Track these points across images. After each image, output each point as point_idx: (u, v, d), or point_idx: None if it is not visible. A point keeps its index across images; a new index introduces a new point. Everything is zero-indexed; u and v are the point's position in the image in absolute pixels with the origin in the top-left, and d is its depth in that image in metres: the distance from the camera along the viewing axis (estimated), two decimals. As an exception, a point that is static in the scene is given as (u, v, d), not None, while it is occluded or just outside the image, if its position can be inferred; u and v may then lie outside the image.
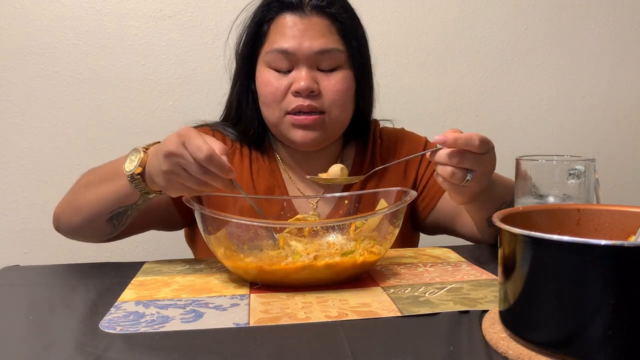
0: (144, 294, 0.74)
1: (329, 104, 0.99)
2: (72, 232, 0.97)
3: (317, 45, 0.98)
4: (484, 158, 0.81)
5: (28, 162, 1.55)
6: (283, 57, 0.98)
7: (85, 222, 0.93)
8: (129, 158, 0.84)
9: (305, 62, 0.98)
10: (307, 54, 0.98)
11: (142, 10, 1.56)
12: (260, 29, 1.02)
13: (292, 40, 0.98)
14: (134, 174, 0.82)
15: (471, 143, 0.78)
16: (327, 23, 1.00)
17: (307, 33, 0.98)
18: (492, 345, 0.55)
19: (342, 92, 1.00)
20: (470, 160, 0.79)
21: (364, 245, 0.79)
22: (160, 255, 1.54)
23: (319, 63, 0.99)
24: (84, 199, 0.92)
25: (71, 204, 0.95)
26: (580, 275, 0.47)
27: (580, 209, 0.65)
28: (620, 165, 1.80)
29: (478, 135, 0.79)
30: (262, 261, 0.75)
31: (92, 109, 1.56)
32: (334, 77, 1.00)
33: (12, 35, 1.51)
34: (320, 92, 0.99)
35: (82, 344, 0.58)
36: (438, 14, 1.68)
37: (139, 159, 0.82)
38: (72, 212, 0.94)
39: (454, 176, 0.80)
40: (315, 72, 0.99)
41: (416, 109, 1.66)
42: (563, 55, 1.75)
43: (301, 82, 0.97)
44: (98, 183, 0.91)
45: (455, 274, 0.81)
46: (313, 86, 0.97)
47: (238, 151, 1.08)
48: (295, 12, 0.99)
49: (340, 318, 0.63)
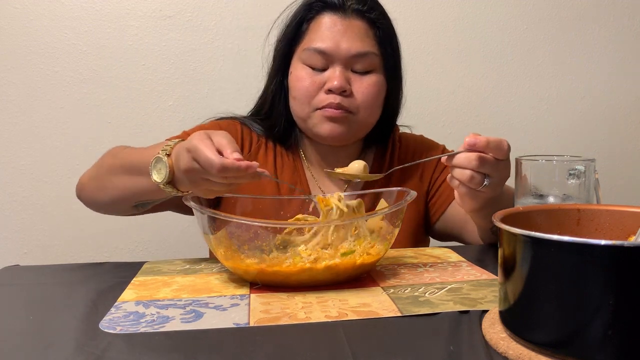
0: (144, 294, 0.74)
1: (358, 105, 1.01)
2: (95, 205, 0.98)
3: (354, 48, 1.00)
4: (503, 164, 0.81)
5: (28, 162, 1.55)
6: (320, 56, 1.00)
7: (110, 203, 0.94)
8: (156, 168, 0.81)
9: (340, 62, 1.00)
10: (343, 55, 1.00)
11: (142, 10, 1.56)
12: (300, 28, 1.04)
13: (329, 41, 1.00)
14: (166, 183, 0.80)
15: (501, 147, 0.79)
16: (366, 27, 1.02)
17: (345, 35, 1.00)
18: (492, 345, 0.55)
19: (373, 96, 1.02)
20: (490, 165, 0.80)
21: (364, 246, 0.79)
22: (160, 255, 1.54)
23: (354, 65, 1.01)
24: (110, 182, 0.93)
25: (98, 180, 0.96)
26: (580, 275, 0.47)
27: (580, 209, 0.65)
28: (620, 165, 1.80)
29: (506, 141, 0.80)
30: (263, 263, 0.75)
31: (92, 109, 1.56)
32: (367, 80, 1.02)
33: (12, 35, 1.51)
34: (352, 93, 1.01)
35: (82, 344, 0.58)
36: (438, 14, 1.68)
37: (166, 170, 0.79)
38: (98, 190, 0.95)
39: (472, 180, 0.80)
40: (349, 73, 1.01)
41: (416, 109, 1.66)
42: (563, 55, 1.75)
43: (334, 82, 0.99)
44: (126, 172, 0.90)
45: (455, 274, 0.81)
46: (346, 86, 0.99)
47: (263, 145, 1.10)
48: (336, 13, 1.01)
49: (340, 318, 0.63)
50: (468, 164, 0.79)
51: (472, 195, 0.83)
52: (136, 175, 0.88)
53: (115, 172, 0.92)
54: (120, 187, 0.91)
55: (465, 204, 0.87)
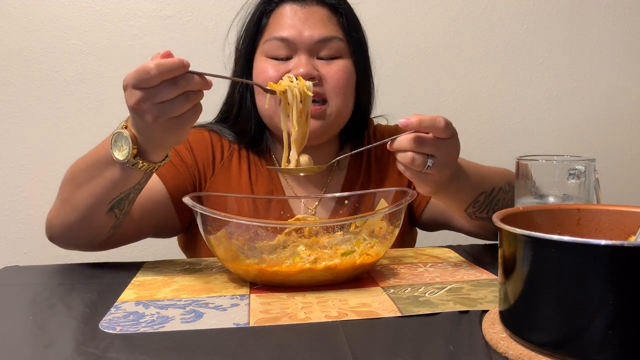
0: (144, 294, 0.74)
1: (330, 91, 0.98)
2: (68, 234, 0.88)
3: (317, 33, 0.97)
4: (446, 143, 0.77)
5: (28, 162, 1.55)
6: (283, 45, 0.97)
7: (83, 219, 0.84)
8: (116, 146, 0.76)
9: (305, 50, 0.97)
10: (307, 42, 0.97)
11: (142, 10, 1.56)
12: (260, 23, 1.02)
13: (291, 29, 0.97)
14: (132, 158, 0.75)
15: (436, 125, 0.75)
16: (328, 13, 1.00)
17: (307, 22, 0.98)
18: (492, 345, 0.55)
19: (344, 81, 0.99)
20: (430, 144, 0.76)
21: (363, 246, 0.79)
22: (160, 255, 1.54)
23: (319, 52, 0.98)
24: (77, 196, 0.84)
25: (64, 204, 0.86)
26: (581, 275, 0.47)
27: (581, 209, 0.65)
28: (620, 165, 1.80)
29: (443, 118, 0.76)
30: (263, 263, 0.75)
31: (92, 109, 1.56)
32: (335, 65, 0.99)
33: (12, 35, 1.51)
34: (320, 79, 0.97)
35: (82, 344, 0.58)
36: (438, 14, 1.68)
37: (128, 141, 0.75)
38: (68, 213, 0.86)
39: (413, 162, 0.76)
40: (315, 60, 0.98)
41: (416, 109, 1.65)
42: (563, 55, 1.75)
43: (300, 69, 0.95)
44: (88, 178, 0.82)
45: (455, 274, 0.81)
46: (313, 72, 0.96)
47: (236, 153, 1.05)
48: (296, 2, 0.99)
49: (340, 318, 0.63)
50: (407, 145, 0.76)
51: (421, 179, 0.79)
52: (99, 169, 0.80)
53: (77, 182, 0.84)
54: (87, 194, 0.82)
55: (419, 188, 0.83)
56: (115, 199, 0.82)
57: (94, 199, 0.82)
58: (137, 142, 0.75)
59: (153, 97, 0.69)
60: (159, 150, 0.77)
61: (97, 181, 0.81)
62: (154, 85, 0.68)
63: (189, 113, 0.72)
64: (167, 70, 0.67)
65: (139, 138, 0.75)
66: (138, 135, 0.75)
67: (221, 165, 1.04)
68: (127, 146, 0.75)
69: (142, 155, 0.76)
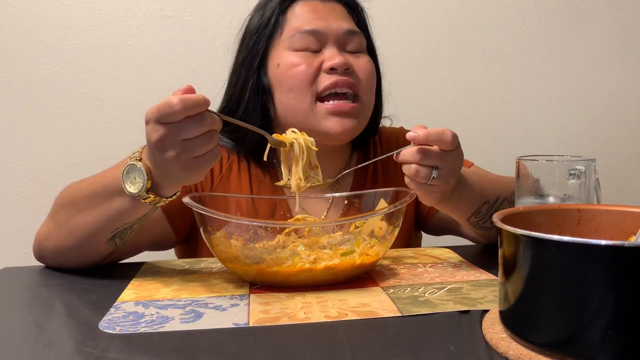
0: (144, 294, 0.74)
1: (362, 86, 0.97)
2: (61, 258, 0.86)
3: (345, 25, 0.98)
4: (451, 155, 0.78)
5: (28, 162, 1.55)
6: (313, 38, 0.96)
7: (81, 245, 0.82)
8: (128, 178, 0.73)
9: (334, 41, 0.97)
10: (336, 33, 0.97)
11: (142, 10, 1.56)
12: (272, 22, 1.00)
13: (319, 21, 0.97)
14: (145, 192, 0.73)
15: (443, 139, 0.76)
16: (346, 11, 1.01)
17: (331, 15, 0.98)
18: (492, 345, 0.55)
19: (372, 75, 1.00)
20: (435, 157, 0.76)
21: (363, 246, 0.79)
22: (160, 255, 1.54)
23: (346, 44, 0.98)
24: (76, 221, 0.81)
25: (60, 228, 0.84)
26: (581, 275, 0.47)
27: (581, 209, 0.65)
28: (620, 165, 1.80)
29: (450, 132, 0.76)
30: (262, 263, 0.75)
31: (92, 109, 1.55)
32: (363, 58, 0.99)
33: (12, 35, 1.51)
34: (354, 71, 0.97)
35: (82, 344, 0.58)
36: (438, 13, 1.68)
37: (143, 176, 0.72)
38: (64, 237, 0.83)
39: (418, 174, 0.77)
40: (345, 52, 0.98)
41: (416, 109, 1.66)
42: (563, 55, 1.75)
43: (336, 59, 0.94)
44: (91, 205, 0.80)
45: (455, 274, 0.81)
46: (349, 63, 0.95)
47: (235, 164, 1.01)
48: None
49: (340, 318, 0.63)
50: (412, 157, 0.77)
51: (425, 190, 0.79)
52: (105, 199, 0.78)
53: (77, 208, 0.81)
54: (89, 221, 0.80)
55: (424, 199, 0.83)
56: (118, 229, 0.81)
57: (96, 227, 0.80)
58: (151, 176, 0.73)
59: (177, 134, 0.67)
60: (173, 186, 0.75)
61: (101, 210, 0.79)
62: (177, 121, 0.66)
63: (210, 154, 0.70)
64: (191, 105, 0.66)
65: (154, 172, 0.72)
66: (154, 170, 0.72)
67: (220, 180, 1.00)
68: (142, 179, 0.72)
69: (154, 189, 0.74)
